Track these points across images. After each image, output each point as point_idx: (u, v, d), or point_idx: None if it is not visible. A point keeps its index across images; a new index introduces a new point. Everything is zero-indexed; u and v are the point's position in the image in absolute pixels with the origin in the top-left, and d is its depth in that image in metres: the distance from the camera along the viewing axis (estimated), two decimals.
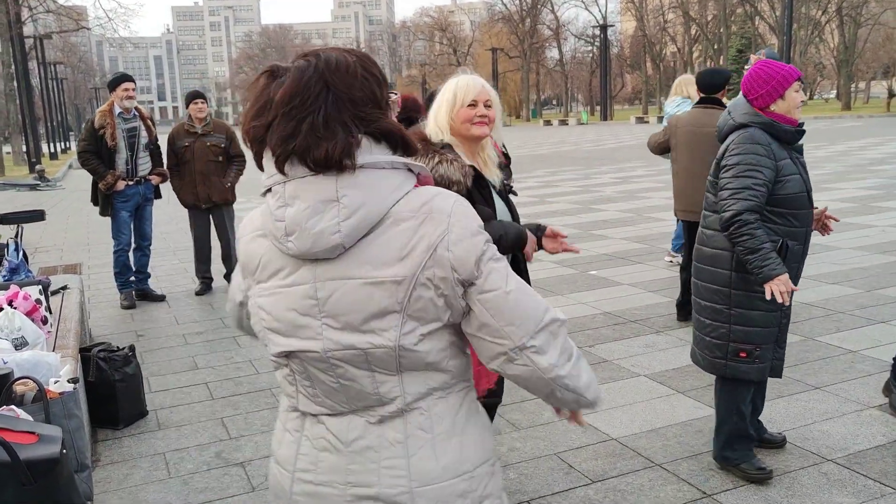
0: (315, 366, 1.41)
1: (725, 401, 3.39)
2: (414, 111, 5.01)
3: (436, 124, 2.74)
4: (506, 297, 1.37)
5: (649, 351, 5.11)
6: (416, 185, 1.42)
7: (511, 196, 5.41)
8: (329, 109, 1.33)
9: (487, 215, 2.71)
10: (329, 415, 1.45)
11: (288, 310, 1.39)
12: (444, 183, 2.54)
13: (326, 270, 1.36)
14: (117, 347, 4.43)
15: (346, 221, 1.32)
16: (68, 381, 2.93)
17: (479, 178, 2.73)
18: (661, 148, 5.86)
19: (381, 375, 1.38)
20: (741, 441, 3.39)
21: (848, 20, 55.85)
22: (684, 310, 5.60)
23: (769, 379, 4.60)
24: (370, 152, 1.35)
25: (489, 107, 2.70)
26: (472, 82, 2.72)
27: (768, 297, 2.99)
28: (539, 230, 2.90)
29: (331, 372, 1.40)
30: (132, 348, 4.45)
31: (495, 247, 1.43)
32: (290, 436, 1.52)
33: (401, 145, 1.40)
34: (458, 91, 2.70)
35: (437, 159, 2.63)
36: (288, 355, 1.43)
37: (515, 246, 2.78)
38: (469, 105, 2.68)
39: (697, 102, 5.57)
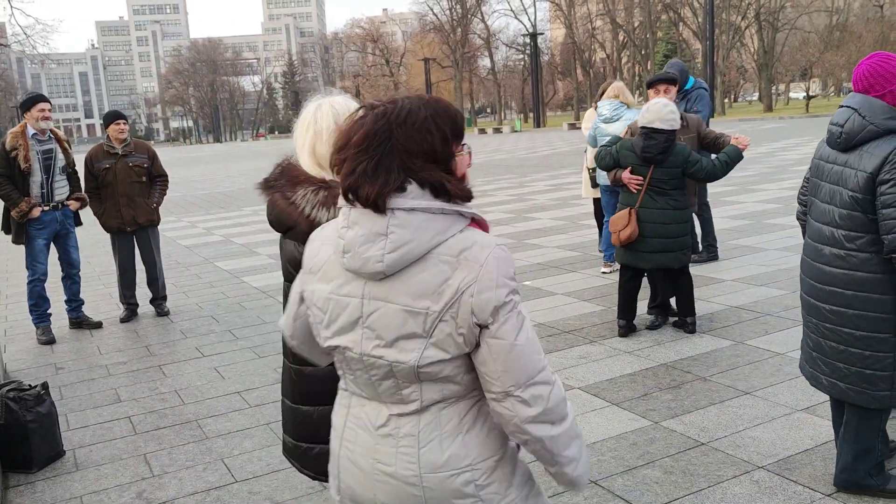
0: (352, 363, 1.69)
1: (869, 430, 3.14)
2: None
3: (315, 160, 2.31)
4: (511, 347, 1.56)
5: (583, 362, 5.10)
6: (470, 225, 1.62)
7: None
8: (382, 157, 1.55)
9: None
10: (367, 399, 1.72)
11: (339, 314, 1.67)
12: None
13: (372, 290, 1.61)
14: (29, 386, 4.19)
15: (390, 255, 1.55)
16: None
17: None
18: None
19: (403, 382, 1.63)
20: (882, 466, 3.22)
21: (766, 25, 57.94)
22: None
23: (701, 387, 4.65)
24: (421, 197, 1.56)
25: None
26: (354, 109, 2.39)
27: None
28: None
29: (365, 371, 1.67)
30: (45, 386, 4.22)
31: (519, 298, 1.60)
32: (340, 408, 1.81)
33: (441, 192, 1.58)
34: (340, 120, 2.19)
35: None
36: (334, 348, 1.71)
37: None
38: None
39: None
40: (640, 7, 64.87)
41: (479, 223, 1.66)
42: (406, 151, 1.55)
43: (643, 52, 66.69)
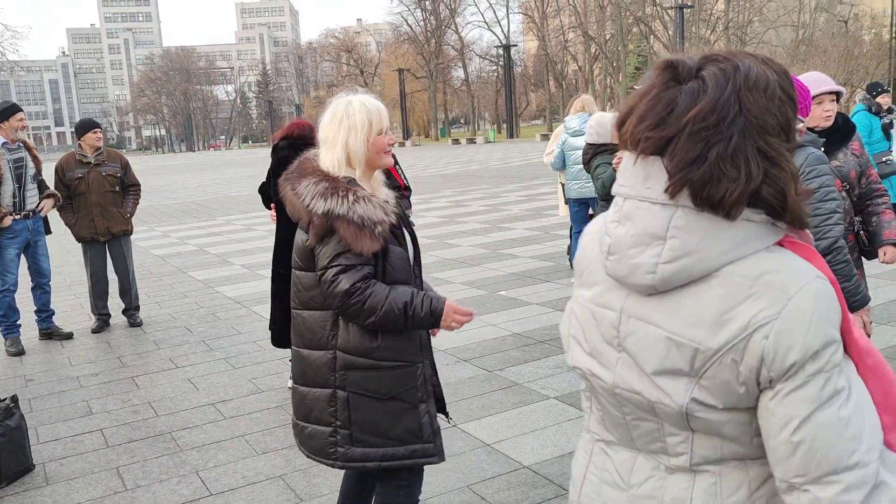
0: (604, 395, 1.33)
1: None
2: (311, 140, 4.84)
3: (347, 155, 2.44)
4: (801, 424, 1.10)
5: (558, 371, 5.12)
6: (779, 243, 1.18)
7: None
8: (737, 138, 1.13)
9: (403, 260, 2.50)
10: (616, 444, 1.36)
11: (594, 330, 1.31)
12: (369, 226, 2.34)
13: (634, 306, 1.23)
14: None
15: (666, 265, 1.16)
16: None
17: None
18: None
19: (669, 427, 1.23)
20: None
21: (735, 39, 58.92)
22: None
23: None
24: None
25: None
26: (382, 107, 2.52)
27: (860, 326, 2.96)
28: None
29: (617, 408, 1.30)
30: (14, 399, 4.15)
31: (839, 358, 1.12)
32: (582, 454, 1.45)
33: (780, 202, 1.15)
34: (372, 116, 2.45)
35: (351, 198, 2.35)
36: (582, 372, 1.37)
37: (426, 325, 2.46)
38: (385, 132, 2.50)
39: None
40: (612, 20, 65.53)
41: (795, 244, 1.19)
42: (762, 128, 1.14)
43: (615, 65, 67.31)
